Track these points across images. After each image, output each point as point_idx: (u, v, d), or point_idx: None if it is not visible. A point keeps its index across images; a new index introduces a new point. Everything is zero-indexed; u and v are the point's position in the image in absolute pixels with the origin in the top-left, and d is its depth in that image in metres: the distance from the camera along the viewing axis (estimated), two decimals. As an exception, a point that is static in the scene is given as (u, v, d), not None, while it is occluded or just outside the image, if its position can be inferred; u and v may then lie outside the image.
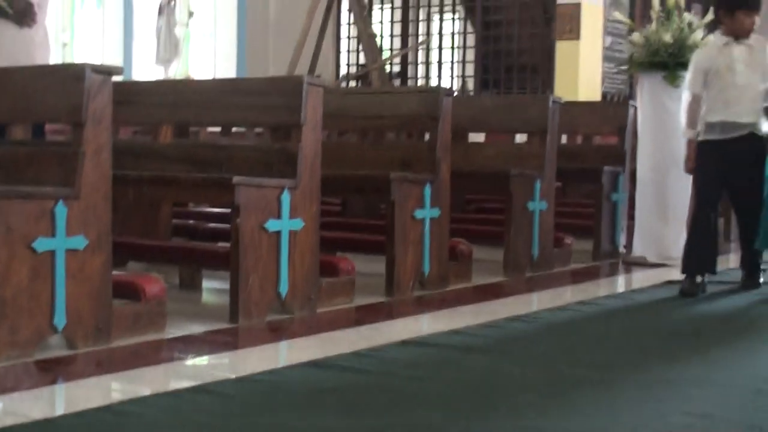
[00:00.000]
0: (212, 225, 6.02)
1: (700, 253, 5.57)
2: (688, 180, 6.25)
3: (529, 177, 6.14)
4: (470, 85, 14.72)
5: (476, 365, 3.68)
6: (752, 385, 3.38)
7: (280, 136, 5.13)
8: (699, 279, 5.54)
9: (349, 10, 15.00)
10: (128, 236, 5.27)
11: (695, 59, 5.70)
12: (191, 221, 6.23)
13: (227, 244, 4.61)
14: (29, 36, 5.84)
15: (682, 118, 5.71)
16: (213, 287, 5.43)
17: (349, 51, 16.06)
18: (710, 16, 6.67)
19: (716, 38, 5.66)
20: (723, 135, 5.52)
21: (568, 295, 5.43)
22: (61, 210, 3.75)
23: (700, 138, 5.59)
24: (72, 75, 3.96)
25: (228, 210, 4.86)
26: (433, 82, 14.69)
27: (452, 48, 15.22)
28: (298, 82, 4.75)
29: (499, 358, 3.79)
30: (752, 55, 5.55)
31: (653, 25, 6.81)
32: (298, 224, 4.62)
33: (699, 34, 6.58)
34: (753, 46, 5.56)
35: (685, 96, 5.73)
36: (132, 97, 5.35)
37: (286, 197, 4.57)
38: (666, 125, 6.65)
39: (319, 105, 4.79)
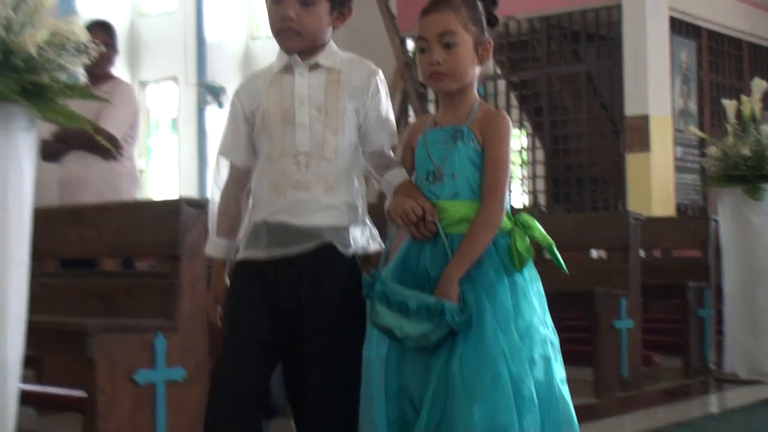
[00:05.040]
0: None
1: None
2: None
3: (614, 295, 6.11)
4: (541, 199, 14.77)
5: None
6: None
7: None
8: None
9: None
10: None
11: (236, 92, 3.00)
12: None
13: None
14: (115, 169, 5.96)
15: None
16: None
17: (418, 169, 16.23)
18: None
19: (278, 58, 2.90)
20: (270, 251, 2.79)
21: (662, 415, 5.34)
22: (160, 342, 3.81)
23: (239, 255, 2.88)
24: (167, 210, 4.07)
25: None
26: (504, 198, 14.72)
27: (521, 164, 15.31)
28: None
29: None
30: (336, 91, 2.82)
31: (730, 138, 6.78)
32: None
33: (780, 146, 6.55)
34: (339, 73, 2.85)
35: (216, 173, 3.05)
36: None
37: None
38: (751, 239, 6.59)
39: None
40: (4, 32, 2.75)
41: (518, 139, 15.74)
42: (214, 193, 3.00)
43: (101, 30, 5.90)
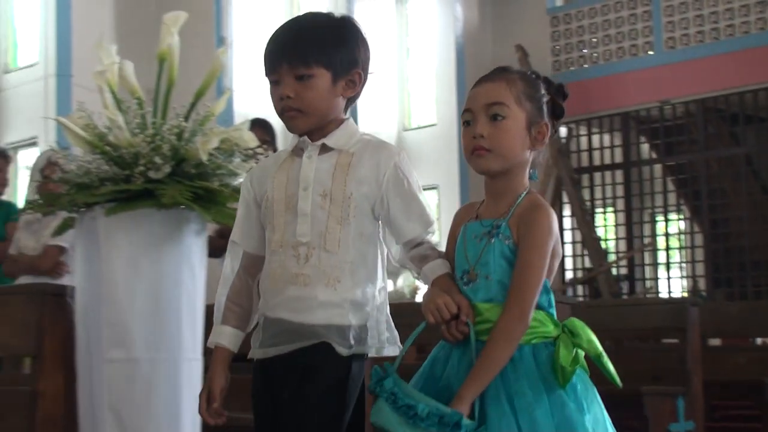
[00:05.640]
0: None
1: None
2: None
3: (785, 386, 5.90)
4: (701, 284, 14.44)
5: None
6: None
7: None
8: None
9: (572, 215, 15.10)
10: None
11: (249, 174, 2.73)
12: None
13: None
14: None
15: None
16: None
17: (573, 255, 16.07)
18: None
19: (291, 141, 2.65)
20: (264, 350, 2.54)
21: None
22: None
23: (251, 353, 2.59)
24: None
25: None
26: (662, 284, 14.50)
27: (679, 248, 15.03)
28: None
29: None
30: (344, 176, 2.52)
31: None
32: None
33: None
34: (351, 156, 2.54)
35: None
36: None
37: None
38: None
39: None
40: (176, 140, 2.85)
41: (676, 224, 15.48)
42: (225, 282, 2.68)
43: (260, 128, 6.03)
